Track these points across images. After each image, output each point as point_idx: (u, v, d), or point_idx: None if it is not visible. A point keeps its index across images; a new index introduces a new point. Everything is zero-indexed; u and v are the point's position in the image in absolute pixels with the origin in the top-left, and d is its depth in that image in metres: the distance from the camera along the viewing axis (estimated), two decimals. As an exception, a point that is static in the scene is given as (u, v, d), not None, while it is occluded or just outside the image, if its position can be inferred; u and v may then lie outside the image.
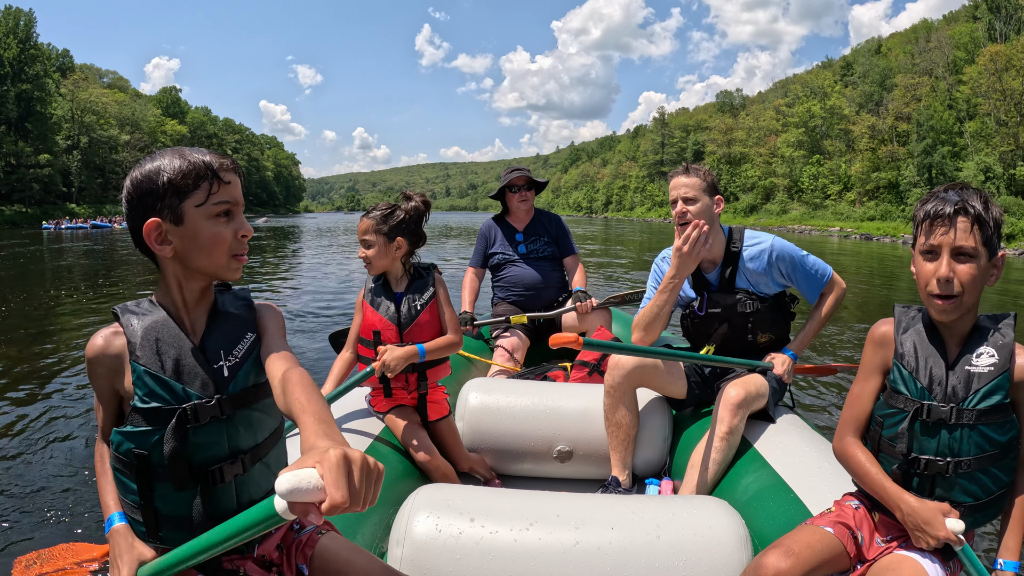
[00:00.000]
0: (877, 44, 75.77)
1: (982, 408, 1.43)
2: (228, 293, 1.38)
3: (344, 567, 1.36)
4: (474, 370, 3.51)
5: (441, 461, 2.40)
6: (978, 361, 1.46)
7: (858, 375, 1.64)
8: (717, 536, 1.73)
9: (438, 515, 1.73)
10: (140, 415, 1.22)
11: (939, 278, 1.43)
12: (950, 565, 1.47)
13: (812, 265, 2.54)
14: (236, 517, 0.97)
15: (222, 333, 1.31)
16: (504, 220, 4.01)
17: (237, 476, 1.27)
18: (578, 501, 1.91)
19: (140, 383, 1.22)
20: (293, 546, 1.39)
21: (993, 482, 1.47)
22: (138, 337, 1.24)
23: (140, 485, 1.23)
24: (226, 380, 1.27)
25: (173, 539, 1.23)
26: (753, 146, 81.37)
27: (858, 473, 1.56)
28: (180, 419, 1.21)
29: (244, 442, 1.29)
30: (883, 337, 1.59)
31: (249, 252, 1.34)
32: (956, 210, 1.42)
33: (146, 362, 1.23)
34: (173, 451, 1.19)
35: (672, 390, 2.63)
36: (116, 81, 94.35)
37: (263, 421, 1.33)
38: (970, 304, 1.46)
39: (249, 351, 1.32)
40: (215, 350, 1.28)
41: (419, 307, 2.43)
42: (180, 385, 1.23)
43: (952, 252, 1.43)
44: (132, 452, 1.21)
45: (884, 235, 44.01)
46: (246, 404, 1.29)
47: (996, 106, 48.73)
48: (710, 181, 2.50)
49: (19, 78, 58.80)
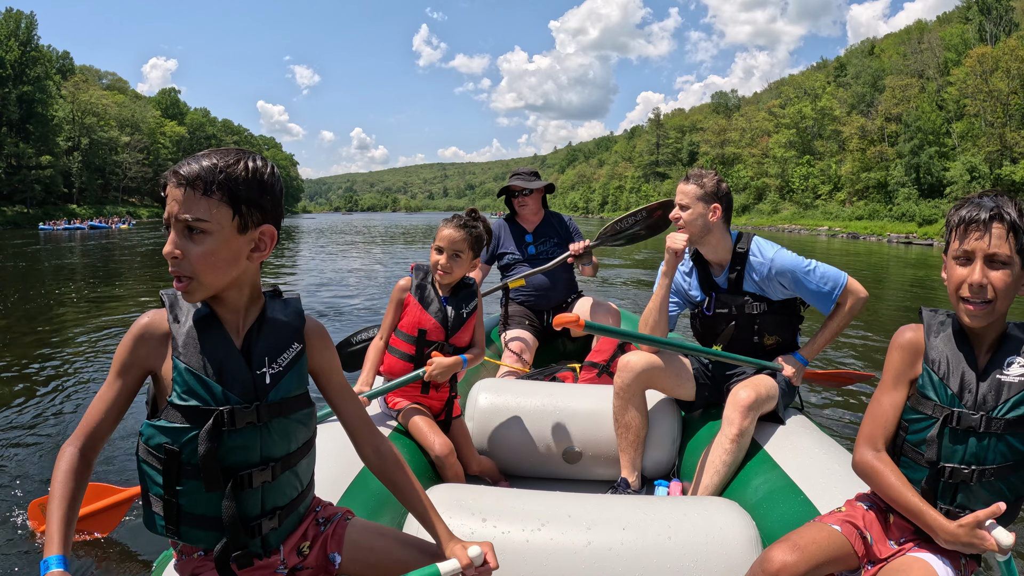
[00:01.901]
0: (871, 45, 76.68)
1: (1011, 418, 1.42)
2: (279, 300, 1.37)
3: (377, 543, 1.42)
4: (483, 371, 3.53)
5: (456, 460, 2.43)
6: (1009, 371, 1.44)
7: (882, 383, 1.58)
8: (728, 537, 1.75)
9: (450, 515, 1.73)
10: (177, 411, 1.21)
11: (972, 283, 1.41)
12: (961, 568, 1.48)
13: (820, 278, 2.46)
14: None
15: (268, 339, 1.30)
16: (515, 221, 4.04)
17: (265, 483, 1.27)
18: (589, 502, 1.93)
19: (180, 379, 1.21)
20: (321, 539, 1.41)
21: (1010, 490, 1.47)
22: (183, 332, 1.24)
23: (166, 480, 1.22)
24: (267, 387, 1.27)
25: (192, 536, 1.25)
26: (746, 147, 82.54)
27: (887, 493, 1.50)
28: (216, 421, 1.20)
29: (276, 450, 1.29)
30: (911, 344, 1.54)
31: None
32: (991, 216, 1.40)
33: (188, 359, 1.22)
34: (207, 452, 1.19)
35: (681, 392, 2.64)
36: (115, 82, 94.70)
37: (298, 431, 1.33)
38: (1002, 311, 1.45)
39: (294, 361, 1.32)
40: (259, 356, 1.28)
41: (465, 315, 2.56)
42: (220, 387, 1.22)
43: (986, 259, 1.41)
44: (163, 447, 1.21)
45: (871, 234, 45.15)
46: (283, 413, 1.29)
47: (983, 107, 49.58)
48: (709, 189, 2.52)
49: (20, 80, 59.21)
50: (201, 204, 1.16)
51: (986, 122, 49.28)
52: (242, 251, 1.23)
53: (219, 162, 1.18)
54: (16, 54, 58.75)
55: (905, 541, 1.53)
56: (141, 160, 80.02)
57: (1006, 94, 48.13)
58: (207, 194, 1.16)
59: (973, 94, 50.36)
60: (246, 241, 1.22)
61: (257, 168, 1.21)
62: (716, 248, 2.56)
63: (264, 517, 1.29)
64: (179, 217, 1.16)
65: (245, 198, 1.19)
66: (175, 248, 1.17)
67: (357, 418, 1.45)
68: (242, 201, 1.19)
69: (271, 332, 1.30)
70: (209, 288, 1.21)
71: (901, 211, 50.13)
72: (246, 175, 1.19)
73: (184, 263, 1.17)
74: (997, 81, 48.49)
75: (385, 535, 1.45)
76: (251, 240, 1.23)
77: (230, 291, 1.26)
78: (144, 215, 73.76)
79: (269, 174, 1.23)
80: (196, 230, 1.17)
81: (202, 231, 1.17)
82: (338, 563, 1.39)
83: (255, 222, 1.22)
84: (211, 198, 1.17)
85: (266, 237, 1.25)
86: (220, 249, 1.19)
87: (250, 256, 1.24)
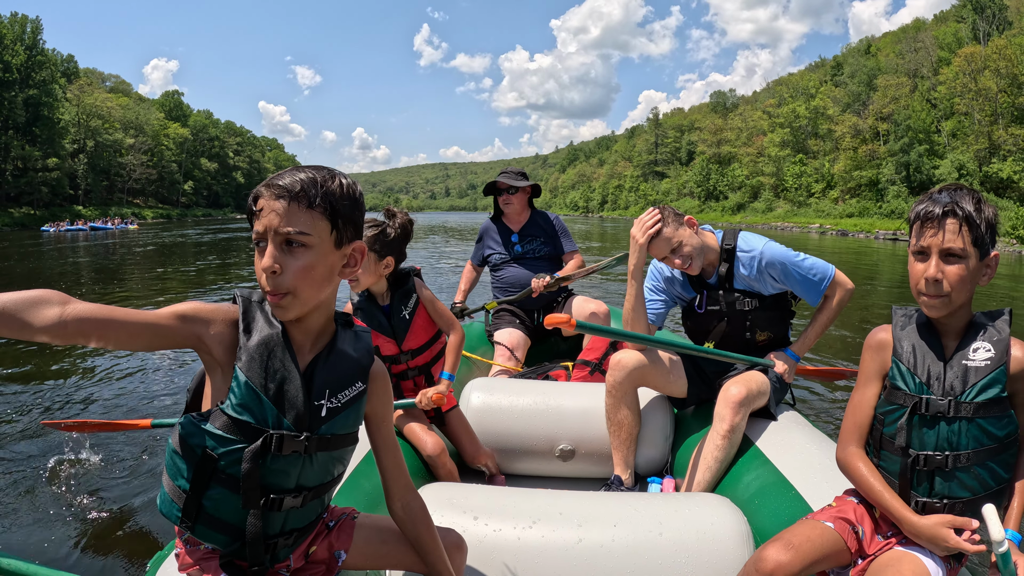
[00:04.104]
0: (867, 44, 77.30)
1: (980, 401, 1.45)
2: (350, 330, 1.34)
3: (385, 537, 1.44)
4: (475, 370, 3.53)
5: (448, 459, 2.42)
6: (975, 356, 1.47)
7: (857, 382, 1.65)
8: (719, 533, 1.76)
9: (442, 513, 1.74)
10: (227, 419, 1.18)
11: (927, 278, 1.44)
12: (950, 561, 1.49)
13: (808, 269, 2.50)
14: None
15: (333, 371, 1.27)
16: (501, 221, 4.07)
17: (292, 508, 1.26)
18: (581, 499, 1.93)
19: (238, 390, 1.18)
20: (327, 539, 1.41)
21: (991, 477, 1.48)
22: (252, 343, 1.20)
23: (196, 480, 1.20)
24: (321, 420, 1.25)
25: (206, 536, 1.24)
26: (742, 146, 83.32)
27: (861, 486, 1.57)
28: (264, 443, 1.19)
29: (311, 480, 1.28)
30: (880, 343, 1.60)
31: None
32: (945, 211, 1.43)
33: (250, 372, 1.19)
34: (249, 472, 1.18)
35: (673, 389, 2.65)
36: (118, 85, 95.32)
37: (336, 466, 1.32)
38: (960, 302, 1.47)
39: (353, 400, 1.29)
40: (320, 386, 1.25)
41: (408, 316, 2.50)
42: (276, 409, 1.20)
43: (941, 253, 1.44)
44: (203, 449, 1.19)
45: (860, 231, 46.07)
46: (329, 448, 1.27)
47: (972, 105, 50.32)
48: (678, 214, 2.53)
49: (27, 84, 59.64)
50: (304, 217, 1.15)
51: (975, 120, 50.05)
52: (336, 267, 1.22)
53: (317, 176, 1.17)
54: (22, 58, 59.11)
55: (893, 535, 1.54)
56: (145, 162, 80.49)
57: (995, 92, 48.89)
58: (311, 207, 1.15)
59: (962, 93, 51.22)
60: (340, 257, 1.22)
61: (350, 184, 1.22)
62: (706, 251, 2.56)
63: (281, 536, 1.29)
64: (280, 230, 1.14)
65: (342, 213, 1.19)
66: (275, 262, 1.14)
67: (395, 470, 1.43)
68: (340, 216, 1.19)
69: (338, 364, 1.28)
70: (306, 304, 1.19)
71: (891, 208, 50.81)
72: (342, 190, 1.20)
73: (283, 278, 1.15)
74: (985, 80, 49.23)
75: (392, 530, 1.46)
76: (344, 256, 1.23)
77: (313, 312, 1.24)
78: (149, 216, 74.40)
79: (360, 192, 1.24)
80: (296, 243, 1.15)
81: (303, 244, 1.15)
82: (342, 560, 1.40)
83: (348, 237, 1.22)
84: (314, 211, 1.16)
85: (357, 253, 1.25)
86: (319, 263, 1.18)
87: (342, 272, 1.24)
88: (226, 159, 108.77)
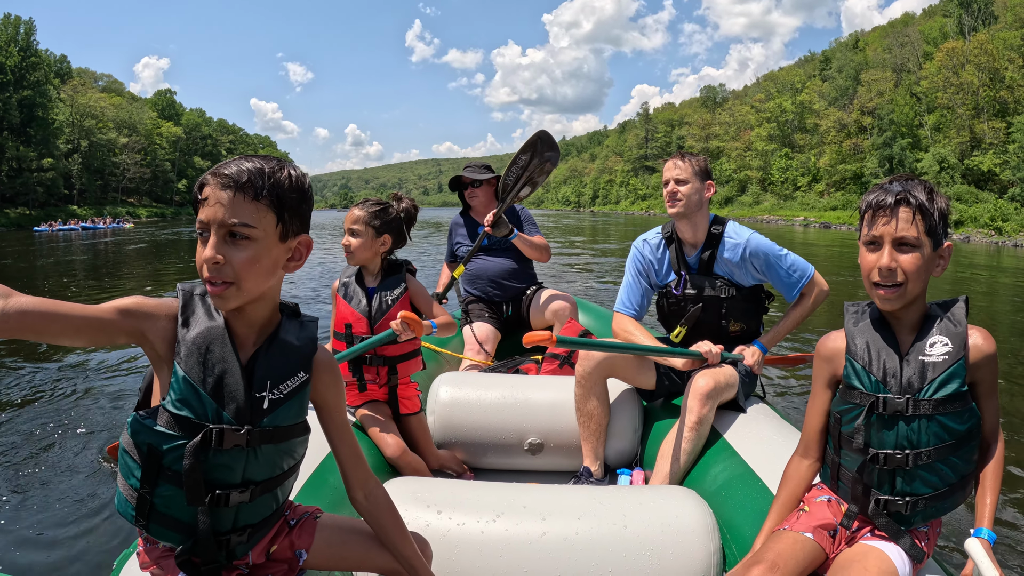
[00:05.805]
0: (855, 39, 77.91)
1: (939, 398, 1.40)
2: (295, 320, 1.31)
3: (348, 538, 1.42)
4: (445, 364, 3.51)
5: (412, 457, 2.42)
6: (932, 350, 1.43)
7: (812, 391, 1.62)
8: (684, 525, 1.75)
9: (404, 508, 1.70)
10: (169, 416, 1.17)
11: (881, 267, 1.41)
12: (919, 543, 1.47)
13: (789, 265, 2.54)
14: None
15: (274, 362, 1.25)
16: (468, 215, 4.11)
17: (241, 503, 1.23)
18: (545, 492, 1.93)
19: (176, 386, 1.17)
20: (288, 538, 1.39)
21: (953, 471, 1.45)
22: (190, 337, 1.18)
23: (145, 478, 1.18)
24: (263, 412, 1.22)
25: (161, 534, 1.22)
26: (730, 140, 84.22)
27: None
28: (204, 438, 1.17)
29: (259, 474, 1.25)
30: (831, 352, 1.57)
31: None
32: (898, 200, 1.41)
33: (188, 367, 1.17)
34: (191, 468, 1.16)
35: (642, 381, 2.65)
36: (111, 84, 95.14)
37: (284, 459, 1.29)
38: (915, 293, 1.44)
39: (296, 391, 1.27)
40: (262, 378, 1.23)
41: (390, 302, 2.49)
42: (214, 403, 1.18)
43: (894, 242, 1.41)
44: (148, 446, 1.17)
45: (842, 223, 47.57)
46: (274, 440, 1.24)
47: (953, 100, 51.26)
48: (704, 168, 2.60)
49: (21, 85, 59.72)
50: (249, 209, 1.13)
51: (957, 114, 51.00)
52: (280, 260, 1.20)
53: (264, 167, 1.15)
54: (16, 59, 59.18)
55: (859, 529, 1.52)
56: (139, 161, 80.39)
57: (976, 86, 49.83)
58: (256, 199, 1.13)
59: (944, 87, 52.18)
60: (285, 250, 1.20)
61: (299, 176, 1.20)
62: (698, 226, 2.59)
63: (234, 533, 1.26)
64: (225, 222, 1.12)
65: (289, 206, 1.17)
66: (217, 253, 1.13)
67: (352, 458, 1.41)
68: (286, 208, 1.17)
69: (279, 355, 1.26)
70: (247, 295, 1.17)
71: (874, 201, 51.65)
72: (290, 182, 1.18)
73: (225, 268, 1.13)
74: (967, 75, 50.13)
75: (357, 531, 1.44)
76: (289, 249, 1.21)
77: (255, 303, 1.22)
78: (143, 215, 74.55)
79: (308, 184, 1.22)
80: (240, 235, 1.13)
81: (247, 237, 1.14)
82: (303, 559, 1.39)
83: (294, 231, 1.20)
84: (259, 203, 1.14)
85: (302, 247, 1.23)
86: (263, 256, 1.16)
87: (286, 265, 1.22)
88: (219, 157, 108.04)
